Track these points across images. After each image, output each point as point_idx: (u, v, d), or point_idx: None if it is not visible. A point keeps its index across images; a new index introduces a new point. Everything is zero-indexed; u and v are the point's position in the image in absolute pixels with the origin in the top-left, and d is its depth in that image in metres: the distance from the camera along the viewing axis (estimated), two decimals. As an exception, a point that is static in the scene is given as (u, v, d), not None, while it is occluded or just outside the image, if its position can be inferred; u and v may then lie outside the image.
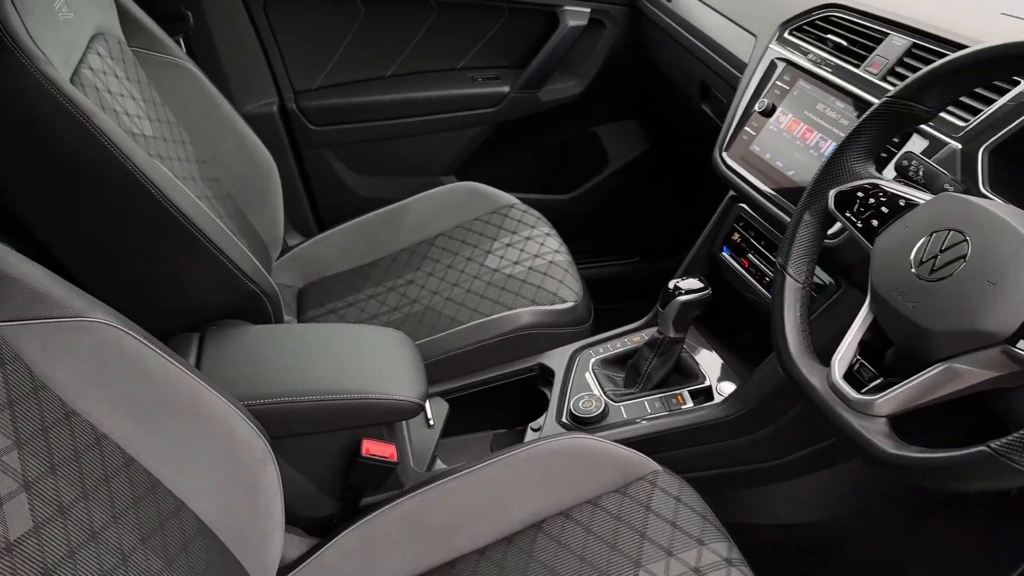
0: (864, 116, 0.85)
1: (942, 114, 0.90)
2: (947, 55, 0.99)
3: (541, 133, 2.08)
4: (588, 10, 1.86)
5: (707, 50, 1.51)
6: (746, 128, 1.28)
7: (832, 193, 0.86)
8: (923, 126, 0.93)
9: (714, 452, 1.21)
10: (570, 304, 1.39)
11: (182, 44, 1.64)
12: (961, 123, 0.91)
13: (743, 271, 1.31)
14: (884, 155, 0.97)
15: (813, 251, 0.88)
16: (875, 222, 0.80)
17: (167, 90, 1.30)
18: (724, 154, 1.30)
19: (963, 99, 0.91)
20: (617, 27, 1.92)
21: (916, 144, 0.94)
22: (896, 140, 0.96)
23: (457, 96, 1.90)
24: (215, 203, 1.31)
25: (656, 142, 2.13)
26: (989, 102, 0.89)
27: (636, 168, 2.13)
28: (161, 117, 1.24)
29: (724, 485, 1.24)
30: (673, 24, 1.67)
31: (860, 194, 0.83)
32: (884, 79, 1.07)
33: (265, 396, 0.91)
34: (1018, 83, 0.88)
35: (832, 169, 0.87)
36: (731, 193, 1.36)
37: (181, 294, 0.98)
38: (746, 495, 1.26)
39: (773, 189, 1.19)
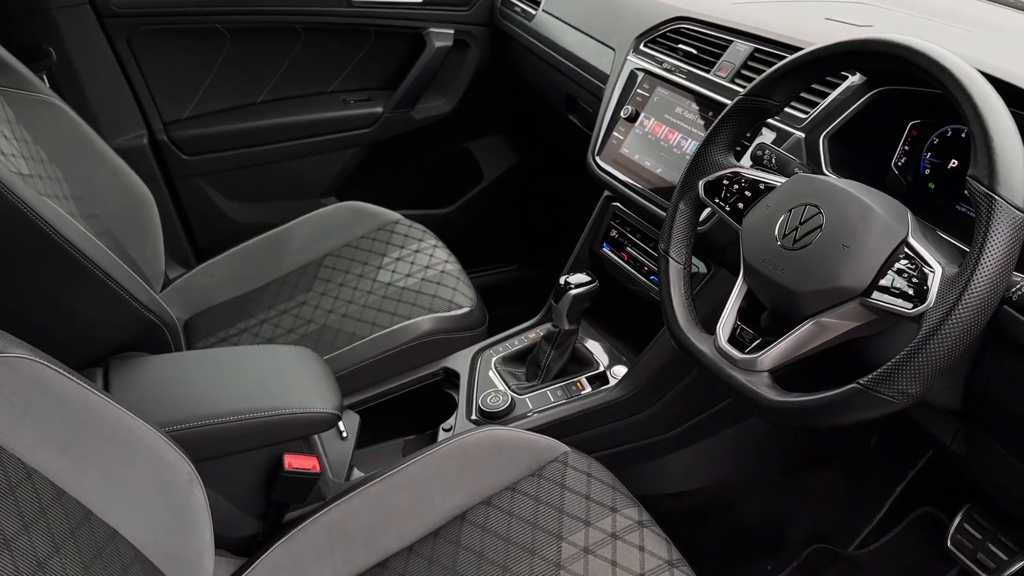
0: (722, 114, 0.94)
1: (786, 108, 1.01)
2: (786, 56, 1.11)
3: (417, 150, 2.11)
4: (452, 31, 1.92)
5: (571, 64, 1.59)
6: (614, 133, 1.36)
7: (701, 183, 0.95)
8: (771, 120, 1.04)
9: (614, 431, 1.28)
10: (466, 309, 1.43)
11: (46, 80, 1.55)
12: (802, 115, 1.03)
13: (623, 263, 1.39)
14: (739, 148, 1.08)
15: (689, 235, 0.97)
16: (741, 205, 0.90)
17: (37, 128, 1.24)
18: (597, 158, 1.38)
19: (803, 94, 1.03)
20: (481, 46, 1.99)
21: (766, 136, 1.05)
22: (749, 134, 1.06)
23: (331, 119, 1.90)
24: (96, 240, 1.25)
25: (526, 153, 2.21)
26: (824, 96, 1.02)
27: (508, 179, 2.20)
28: (34, 155, 1.18)
29: (627, 461, 1.31)
30: (535, 42, 1.75)
31: (725, 182, 0.93)
32: (732, 81, 1.18)
33: (183, 421, 0.89)
34: (845, 78, 1.00)
35: (698, 163, 0.96)
36: (606, 193, 1.44)
37: (80, 329, 0.94)
38: (645, 468, 1.34)
39: (645, 187, 1.28)
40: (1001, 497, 0.88)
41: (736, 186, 0.91)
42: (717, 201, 0.92)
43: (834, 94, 1.00)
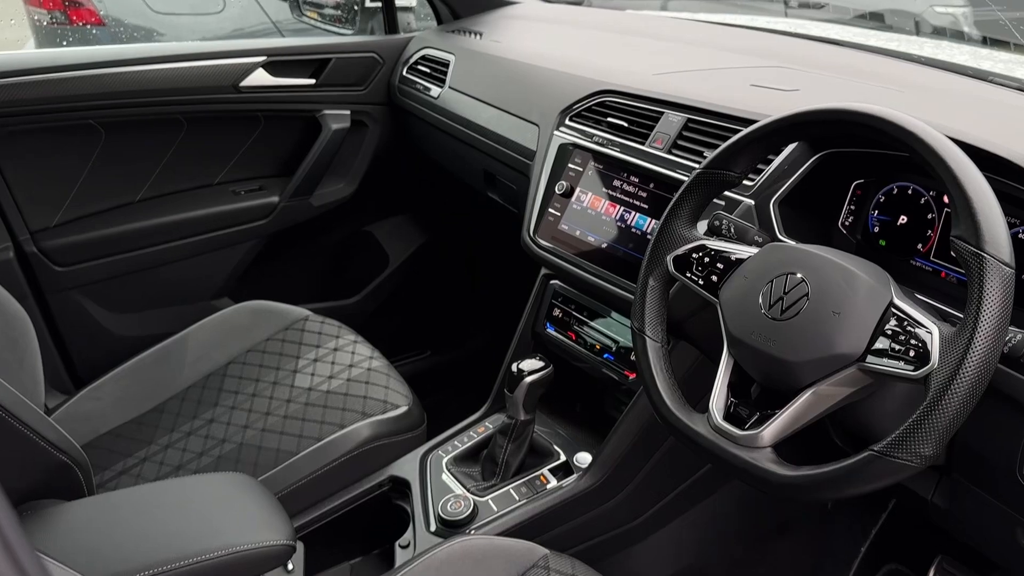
0: (684, 187, 0.99)
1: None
2: (722, 126, 1.20)
3: (317, 239, 2.08)
4: (348, 112, 1.94)
5: (488, 141, 1.63)
6: (550, 210, 1.40)
7: (669, 258, 0.99)
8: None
9: (586, 523, 1.28)
10: (403, 408, 1.40)
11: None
12: (749, 182, 1.10)
13: (571, 343, 1.41)
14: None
15: (662, 312, 1.00)
16: (714, 277, 0.94)
17: None
18: (534, 236, 1.41)
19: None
20: (380, 126, 2.01)
21: (713, 206, 1.12)
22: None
23: (221, 213, 1.86)
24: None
25: (433, 233, 2.23)
26: (768, 161, 1.09)
27: (416, 261, 2.21)
28: None
29: (601, 553, 1.31)
30: (443, 119, 1.79)
31: (695, 255, 0.97)
32: (671, 152, 1.25)
33: (126, 573, 0.82)
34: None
35: (664, 237, 1.00)
36: (543, 272, 1.47)
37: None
38: (617, 559, 1.34)
39: (590, 261, 1.31)
40: (984, 544, 0.94)
41: (707, 259, 0.95)
42: (689, 275, 0.96)
43: (779, 159, 1.08)
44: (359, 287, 2.16)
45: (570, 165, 1.39)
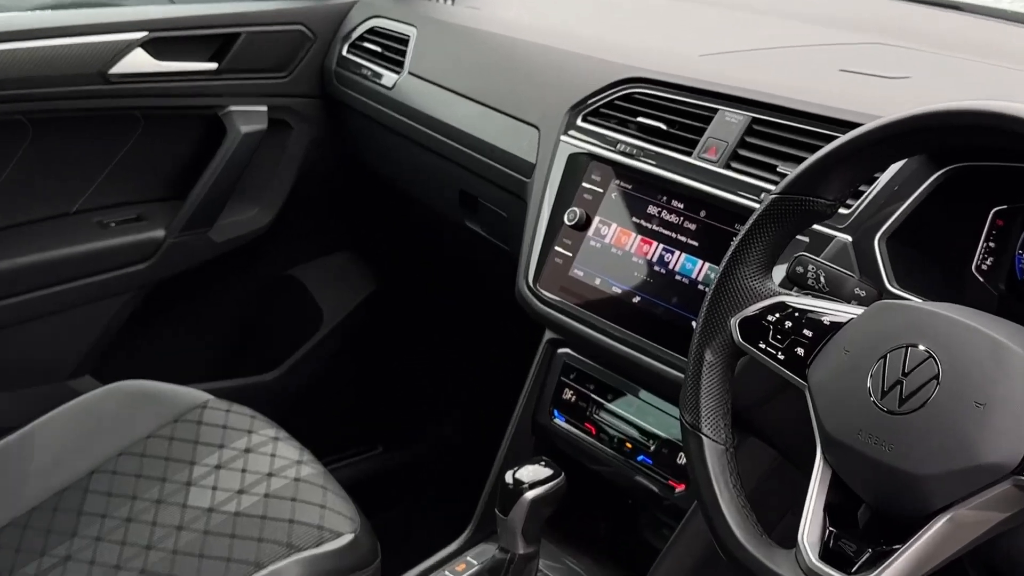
0: (752, 221, 0.98)
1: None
2: (803, 128, 1.20)
3: (219, 289, 2.08)
4: (264, 108, 1.95)
5: (466, 150, 1.64)
6: (557, 248, 1.40)
7: (734, 322, 0.98)
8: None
9: None
10: (348, 537, 1.38)
11: None
12: (844, 211, 1.09)
13: (591, 439, 1.41)
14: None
15: (726, 399, 0.99)
16: (800, 350, 0.93)
17: None
18: (535, 285, 1.41)
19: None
20: (310, 128, 2.02)
21: (794, 244, 1.12)
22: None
23: (81, 254, 1.86)
24: None
25: (386, 279, 2.24)
26: (870, 182, 1.09)
27: (361, 318, 2.21)
28: None
29: None
30: (401, 118, 1.80)
31: (770, 317, 0.96)
32: (728, 166, 1.25)
33: None
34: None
35: (726, 291, 0.99)
36: (550, 336, 1.47)
37: None
38: None
39: (616, 322, 1.31)
40: None
41: (788, 323, 0.94)
42: (763, 347, 0.95)
43: (886, 178, 1.08)
44: (280, 357, 2.15)
45: (585, 184, 1.39)
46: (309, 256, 2.18)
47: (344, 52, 1.97)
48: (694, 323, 1.03)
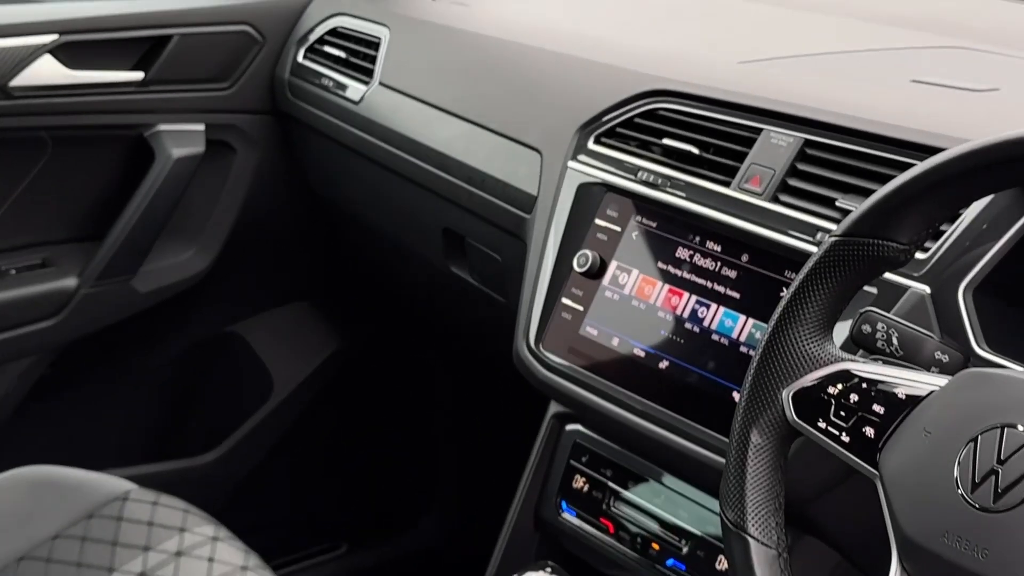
0: (807, 268, 0.97)
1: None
2: (868, 154, 1.19)
3: (146, 350, 2.08)
4: (202, 127, 1.96)
5: (452, 179, 1.64)
6: (565, 300, 1.40)
7: (787, 395, 0.97)
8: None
9: None
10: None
11: None
12: (921, 255, 1.09)
13: (607, 539, 1.40)
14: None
15: (777, 491, 0.97)
16: (869, 430, 0.92)
17: None
18: (538, 346, 1.41)
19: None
20: (259, 150, 2.03)
21: (860, 297, 1.11)
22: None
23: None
24: None
25: (352, 338, 2.24)
26: (952, 220, 1.09)
27: (321, 387, 2.21)
28: None
29: None
30: (370, 139, 1.80)
31: (831, 389, 0.95)
32: (776, 199, 1.25)
33: None
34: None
35: (776, 357, 0.98)
36: (556, 410, 1.47)
37: None
38: None
39: (638, 392, 1.31)
40: None
41: (854, 396, 0.93)
42: (822, 427, 0.94)
43: (971, 215, 1.08)
44: (220, 435, 2.15)
45: (599, 222, 1.39)
46: (256, 309, 2.18)
47: (300, 58, 1.98)
48: (736, 395, 1.03)
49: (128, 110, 1.91)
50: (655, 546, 1.37)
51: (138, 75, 1.89)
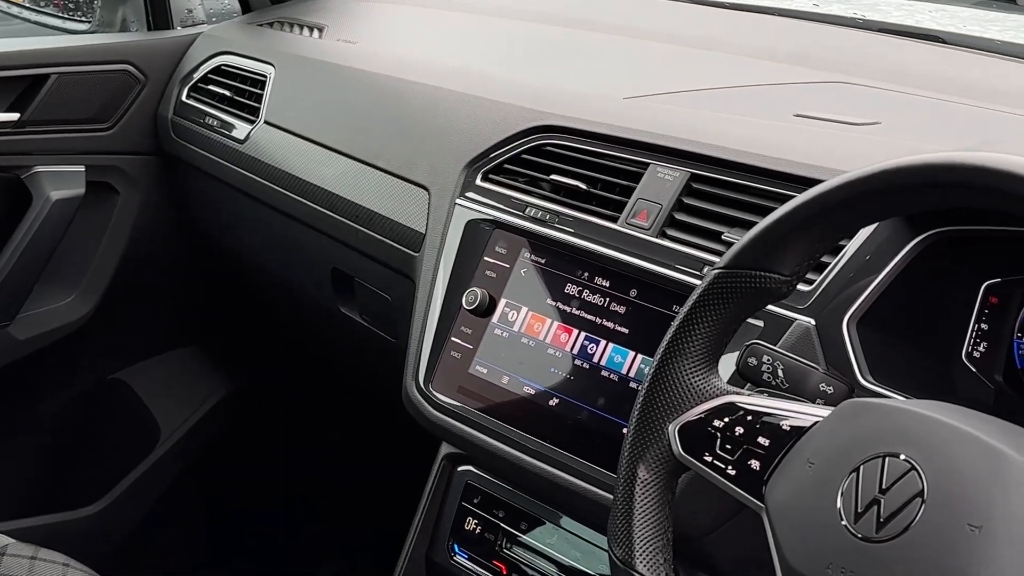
0: (691, 301, 0.99)
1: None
2: (753, 187, 1.21)
3: (24, 399, 2.05)
4: (82, 168, 1.94)
5: (338, 217, 1.64)
6: (454, 339, 1.40)
7: (673, 429, 0.98)
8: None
9: None
10: None
11: None
12: (805, 287, 1.11)
13: (499, 583, 1.40)
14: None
15: (665, 527, 0.98)
16: (755, 463, 0.93)
17: None
18: (427, 386, 1.41)
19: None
20: (142, 192, 2.02)
21: (746, 330, 1.12)
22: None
23: None
24: None
25: (240, 382, 2.24)
26: (835, 252, 1.10)
27: (209, 434, 2.20)
28: None
29: None
30: (256, 178, 1.80)
31: (716, 423, 0.96)
32: (663, 235, 1.27)
33: None
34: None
35: (662, 391, 0.99)
36: (447, 451, 1.47)
37: None
38: None
39: (529, 431, 1.31)
40: None
41: (738, 429, 0.95)
42: (710, 460, 0.95)
43: (853, 247, 1.10)
44: (103, 486, 2.13)
45: (487, 259, 1.40)
46: (141, 355, 2.16)
47: (183, 97, 1.97)
48: (625, 430, 1.03)
49: (4, 151, 1.88)
50: (548, 589, 1.37)
51: (14, 116, 1.86)
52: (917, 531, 0.81)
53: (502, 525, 1.42)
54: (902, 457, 0.84)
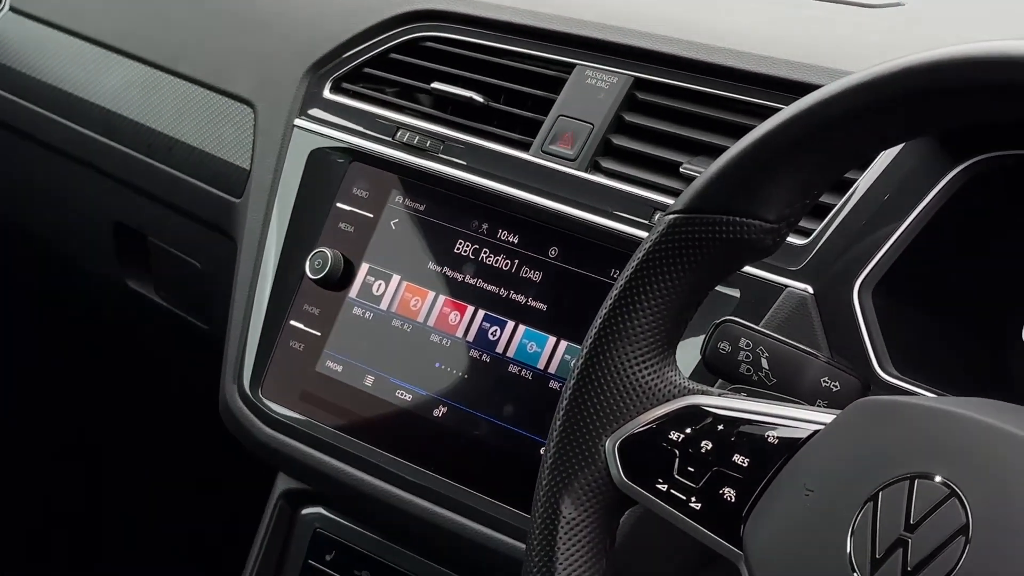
0: (637, 261, 0.97)
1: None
2: (717, 95, 1.22)
3: None
4: None
5: (125, 149, 1.62)
6: (293, 323, 1.39)
7: (612, 446, 0.98)
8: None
9: None
10: None
11: None
12: (797, 241, 1.11)
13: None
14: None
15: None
16: (729, 492, 0.93)
17: None
18: (256, 392, 1.40)
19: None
20: None
21: (722, 301, 1.12)
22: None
23: None
24: None
25: (16, 388, 2.20)
26: (840, 191, 1.11)
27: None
28: None
29: None
30: (9, 96, 1.77)
31: (673, 435, 0.95)
32: (593, 167, 1.27)
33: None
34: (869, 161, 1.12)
35: (596, 391, 0.99)
36: (284, 486, 1.47)
37: None
38: None
39: (402, 455, 1.32)
40: None
41: (705, 443, 0.94)
42: (664, 489, 0.95)
43: (866, 182, 1.11)
44: None
45: (342, 206, 1.40)
46: None
47: None
48: (543, 450, 1.02)
49: None
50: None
51: None
52: (959, 579, 0.82)
53: (357, 571, 1.43)
54: (937, 479, 0.84)
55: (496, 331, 1.30)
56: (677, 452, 0.96)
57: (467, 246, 1.33)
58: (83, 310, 1.98)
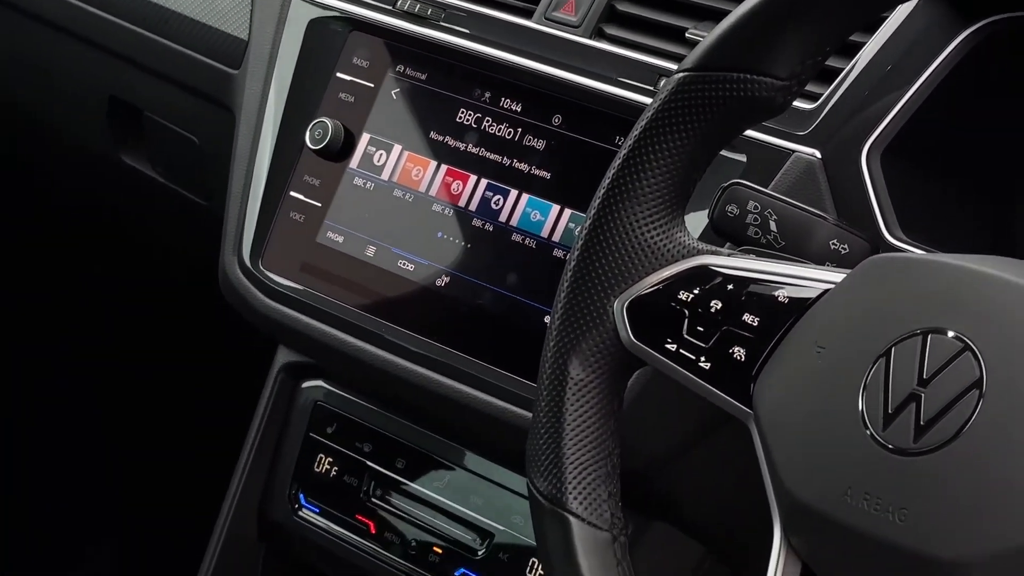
0: (645, 121, 0.97)
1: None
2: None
3: None
4: None
5: (119, 20, 1.60)
6: (293, 194, 1.39)
7: (620, 307, 0.98)
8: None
9: None
10: None
11: None
12: (805, 105, 1.11)
13: (367, 544, 1.41)
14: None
15: (610, 451, 0.98)
16: (739, 352, 0.93)
17: None
18: (257, 264, 1.40)
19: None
20: None
21: (728, 165, 1.12)
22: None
23: None
24: None
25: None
26: (850, 55, 1.10)
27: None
28: None
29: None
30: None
31: (683, 295, 0.96)
32: (599, 33, 1.26)
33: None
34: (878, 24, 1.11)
35: (603, 254, 0.99)
36: (284, 359, 1.47)
37: None
38: None
39: (404, 324, 1.32)
40: None
41: (715, 302, 0.95)
42: (673, 348, 0.95)
43: (876, 44, 1.10)
44: None
45: (342, 76, 1.40)
46: None
47: None
48: (547, 318, 1.02)
49: None
50: (437, 550, 1.38)
51: None
52: (971, 437, 0.82)
53: (368, 463, 1.43)
54: (950, 333, 0.84)
55: (499, 200, 1.30)
56: (686, 312, 0.96)
57: (469, 115, 1.33)
58: (77, 189, 1.97)
